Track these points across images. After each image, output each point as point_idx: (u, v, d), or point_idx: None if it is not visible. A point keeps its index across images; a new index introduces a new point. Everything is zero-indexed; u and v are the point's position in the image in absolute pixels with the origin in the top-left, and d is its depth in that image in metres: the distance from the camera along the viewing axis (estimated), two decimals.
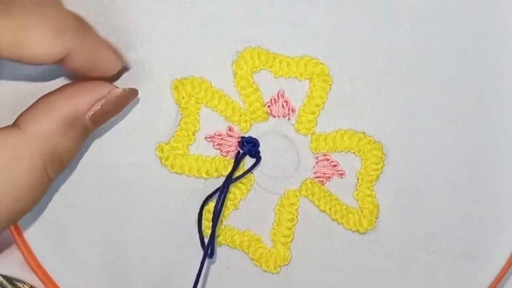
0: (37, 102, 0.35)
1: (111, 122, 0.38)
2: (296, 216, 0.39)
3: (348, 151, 0.39)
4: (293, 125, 0.39)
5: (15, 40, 0.31)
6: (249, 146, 0.39)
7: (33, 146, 0.33)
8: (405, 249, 0.40)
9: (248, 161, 0.39)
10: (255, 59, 0.39)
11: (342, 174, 0.39)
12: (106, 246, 0.40)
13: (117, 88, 0.36)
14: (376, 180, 0.39)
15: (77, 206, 0.40)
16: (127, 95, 0.37)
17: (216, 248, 0.40)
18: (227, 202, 0.39)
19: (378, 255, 0.40)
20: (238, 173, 0.39)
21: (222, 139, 0.39)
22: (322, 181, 0.39)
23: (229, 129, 0.39)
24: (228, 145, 0.39)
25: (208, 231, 0.39)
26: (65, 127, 0.34)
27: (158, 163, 0.39)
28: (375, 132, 0.39)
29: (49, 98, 0.35)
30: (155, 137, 0.39)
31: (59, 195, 0.39)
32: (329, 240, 0.40)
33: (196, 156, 0.39)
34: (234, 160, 0.39)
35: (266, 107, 0.39)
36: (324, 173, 0.39)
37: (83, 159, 0.39)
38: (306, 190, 0.39)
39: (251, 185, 0.39)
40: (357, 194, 0.39)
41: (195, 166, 0.39)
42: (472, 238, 0.39)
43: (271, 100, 0.39)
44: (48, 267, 0.40)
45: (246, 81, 0.39)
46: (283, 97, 0.39)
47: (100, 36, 0.36)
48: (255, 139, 0.39)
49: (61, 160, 0.35)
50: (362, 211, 0.39)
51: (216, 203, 0.38)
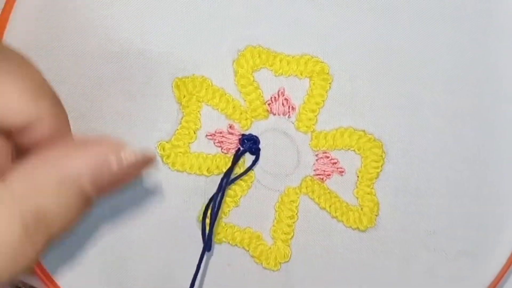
0: (32, 156, 0.29)
1: None
2: (296, 213, 0.40)
3: (348, 149, 0.39)
4: (293, 123, 0.39)
5: None
6: (250, 144, 0.39)
7: (14, 203, 0.27)
8: (405, 247, 0.40)
9: (249, 159, 0.39)
10: (255, 57, 0.39)
11: (342, 171, 0.40)
12: (106, 245, 0.40)
13: (129, 151, 0.29)
14: (376, 178, 0.39)
15: None
16: (140, 162, 0.29)
17: (217, 246, 0.40)
18: (228, 199, 0.39)
19: (378, 253, 0.40)
20: (238, 171, 0.39)
21: (223, 136, 0.39)
22: (322, 179, 0.39)
23: (230, 126, 0.39)
24: (228, 142, 0.39)
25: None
26: (56, 187, 0.28)
27: (159, 161, 0.39)
28: (375, 130, 0.39)
29: (45, 152, 0.29)
30: (156, 136, 0.39)
31: None
32: (329, 237, 0.40)
33: (197, 154, 0.39)
34: (233, 156, 0.39)
35: (267, 105, 0.39)
36: (324, 171, 0.39)
37: None
38: (306, 187, 0.39)
39: (251, 181, 0.40)
40: (357, 192, 0.39)
41: (196, 163, 0.39)
42: (473, 236, 0.39)
43: (271, 98, 0.39)
44: (48, 267, 0.40)
45: (247, 80, 0.39)
46: (283, 95, 0.39)
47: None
48: (256, 136, 0.39)
49: (49, 225, 0.28)
50: (362, 209, 0.39)
51: (214, 197, 0.38)
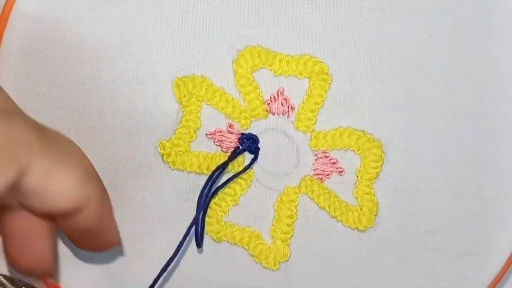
0: None
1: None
2: (296, 213, 0.40)
3: (348, 149, 0.39)
4: (292, 123, 0.39)
5: (46, 171, 0.30)
6: (249, 143, 0.39)
7: None
8: (404, 247, 0.40)
9: (248, 158, 0.40)
10: (255, 57, 0.39)
11: (342, 171, 0.40)
12: None
13: None
14: (375, 178, 0.39)
15: None
16: None
17: (216, 244, 0.40)
18: (227, 198, 0.40)
19: (377, 252, 0.40)
20: (238, 169, 0.39)
21: (223, 135, 0.40)
22: (322, 178, 0.40)
23: (230, 126, 0.39)
24: (228, 141, 0.39)
25: (209, 227, 0.40)
26: None
27: (159, 160, 0.40)
28: (374, 130, 0.39)
29: None
30: (157, 135, 0.39)
31: None
32: (328, 237, 0.40)
33: (197, 153, 0.40)
34: (231, 153, 0.39)
35: (266, 104, 0.39)
36: (323, 171, 0.40)
37: None
38: (305, 187, 0.40)
39: (251, 180, 0.40)
40: (356, 192, 0.39)
41: (196, 162, 0.39)
42: (472, 236, 0.39)
43: (270, 98, 0.39)
44: None
45: (246, 79, 0.39)
46: (282, 95, 0.39)
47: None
48: (255, 135, 0.39)
49: None
50: (361, 209, 0.39)
51: (202, 188, 0.38)
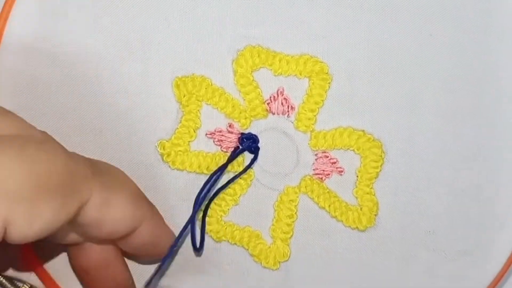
0: None
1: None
2: (296, 213, 0.40)
3: (348, 148, 0.39)
4: (292, 123, 0.39)
5: (103, 201, 0.32)
6: (249, 142, 0.39)
7: None
8: (404, 247, 0.39)
9: (248, 158, 0.40)
10: (255, 57, 0.39)
11: (342, 171, 0.40)
12: None
13: None
14: (375, 178, 0.39)
15: None
16: None
17: (216, 244, 0.40)
18: (227, 197, 0.40)
19: (377, 252, 0.40)
20: (238, 169, 0.39)
21: (223, 135, 0.40)
22: (322, 178, 0.40)
23: (229, 125, 0.39)
24: (228, 141, 0.39)
25: (209, 227, 0.40)
26: None
27: (159, 160, 0.39)
28: (374, 129, 0.39)
29: None
30: (156, 134, 0.39)
31: None
32: (328, 237, 0.40)
33: (197, 152, 0.39)
34: (231, 153, 0.39)
35: (266, 104, 0.39)
36: (323, 170, 0.40)
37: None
38: (305, 186, 0.39)
39: (251, 180, 0.40)
40: (356, 192, 0.39)
41: (196, 162, 0.39)
42: (472, 236, 0.39)
43: (270, 97, 0.39)
44: (48, 267, 0.40)
45: (246, 79, 0.39)
46: (282, 94, 0.39)
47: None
48: (255, 135, 0.39)
49: None
50: (361, 209, 0.39)
51: (201, 188, 0.38)
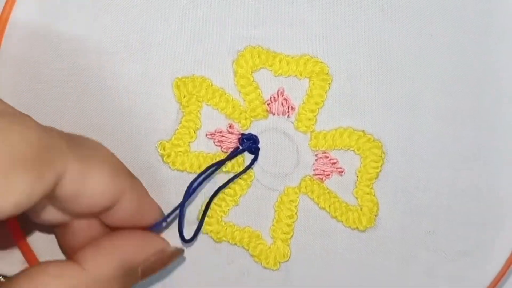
0: (98, 242, 0.35)
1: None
2: (296, 213, 0.40)
3: (348, 149, 0.39)
4: (292, 123, 0.39)
5: (80, 173, 0.32)
6: (249, 143, 0.39)
7: (90, 286, 0.33)
8: (404, 247, 0.40)
9: (248, 158, 0.40)
10: (255, 57, 0.39)
11: (342, 171, 0.40)
12: None
13: (169, 245, 0.37)
14: (375, 178, 0.39)
15: None
16: (176, 254, 0.38)
17: (216, 244, 0.40)
18: (227, 198, 0.40)
19: (377, 253, 0.40)
20: (238, 170, 0.39)
21: (223, 136, 0.40)
22: (322, 179, 0.40)
23: (230, 126, 0.39)
24: (228, 142, 0.39)
25: (209, 228, 0.40)
26: (122, 274, 0.34)
27: (159, 161, 0.39)
28: (374, 130, 0.39)
29: (111, 241, 0.35)
30: (157, 135, 0.39)
31: None
32: (328, 237, 0.40)
33: (197, 153, 0.39)
34: (230, 152, 0.39)
35: (266, 105, 0.39)
36: (323, 171, 0.40)
37: None
38: (305, 187, 0.40)
39: (251, 181, 0.40)
40: (356, 192, 0.39)
41: (196, 162, 0.39)
42: (472, 236, 0.39)
43: (270, 98, 0.39)
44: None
45: (246, 80, 0.39)
46: (282, 95, 0.39)
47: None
48: (255, 135, 0.39)
49: None
50: (361, 209, 0.39)
51: (197, 176, 0.38)
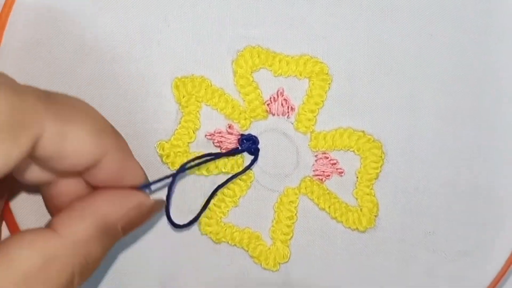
0: (72, 205, 0.34)
1: None
2: (296, 214, 0.39)
3: (348, 149, 0.39)
4: (292, 123, 0.39)
5: (59, 133, 0.30)
6: (249, 143, 0.39)
7: (67, 251, 0.31)
8: (404, 248, 0.40)
9: (248, 159, 0.39)
10: (254, 58, 0.39)
11: (342, 172, 0.40)
12: None
13: (148, 198, 0.36)
14: (375, 179, 0.39)
15: None
16: (156, 206, 0.36)
17: (216, 245, 0.40)
18: (227, 199, 0.39)
19: (377, 253, 0.40)
20: (237, 171, 0.39)
21: (222, 136, 0.39)
22: (322, 179, 0.39)
23: (229, 126, 0.39)
24: (228, 142, 0.39)
25: (209, 228, 0.40)
26: (100, 234, 0.33)
27: (159, 161, 0.39)
28: (374, 130, 0.39)
29: (84, 202, 0.34)
30: (156, 135, 0.39)
31: None
32: (328, 238, 0.40)
33: (196, 154, 0.39)
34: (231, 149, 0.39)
35: (266, 105, 0.39)
36: (323, 171, 0.39)
37: None
38: (305, 188, 0.39)
39: (250, 182, 0.40)
40: (356, 193, 0.39)
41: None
42: (472, 236, 0.39)
43: (270, 98, 0.39)
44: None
45: (246, 80, 0.39)
46: (282, 95, 0.39)
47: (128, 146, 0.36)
48: (255, 136, 0.39)
49: (89, 269, 0.33)
50: (361, 210, 0.39)
51: (189, 160, 0.38)
